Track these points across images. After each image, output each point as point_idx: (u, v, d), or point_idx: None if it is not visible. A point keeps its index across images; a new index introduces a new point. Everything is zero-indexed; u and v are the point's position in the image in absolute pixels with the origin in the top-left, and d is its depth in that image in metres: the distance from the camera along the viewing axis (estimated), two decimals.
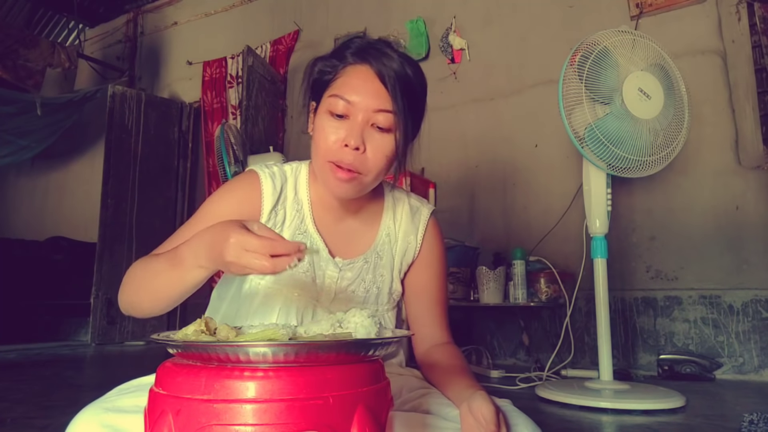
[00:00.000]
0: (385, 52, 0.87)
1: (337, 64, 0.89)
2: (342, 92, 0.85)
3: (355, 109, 0.84)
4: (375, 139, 0.85)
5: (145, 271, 0.80)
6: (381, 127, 0.85)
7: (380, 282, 0.99)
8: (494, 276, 2.70)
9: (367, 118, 0.85)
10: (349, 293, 0.96)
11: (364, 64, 0.86)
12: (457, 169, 3.34)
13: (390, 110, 0.85)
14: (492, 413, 0.72)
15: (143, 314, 0.84)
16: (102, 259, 4.02)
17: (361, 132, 0.84)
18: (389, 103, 0.84)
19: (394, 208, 1.03)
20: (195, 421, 0.50)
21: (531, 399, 2.00)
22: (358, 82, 0.85)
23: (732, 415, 1.74)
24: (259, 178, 0.94)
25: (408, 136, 0.88)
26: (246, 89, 3.57)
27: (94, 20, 5.52)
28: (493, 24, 3.37)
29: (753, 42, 2.63)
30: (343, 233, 0.98)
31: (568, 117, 1.97)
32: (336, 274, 0.96)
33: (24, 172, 5.85)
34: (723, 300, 2.53)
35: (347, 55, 0.88)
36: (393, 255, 1.01)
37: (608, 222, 2.08)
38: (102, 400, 0.77)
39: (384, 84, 0.85)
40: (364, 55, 0.87)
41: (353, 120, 0.85)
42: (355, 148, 0.83)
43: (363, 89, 0.85)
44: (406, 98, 0.86)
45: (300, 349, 0.52)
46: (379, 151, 0.86)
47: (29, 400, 1.93)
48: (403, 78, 0.86)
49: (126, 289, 0.83)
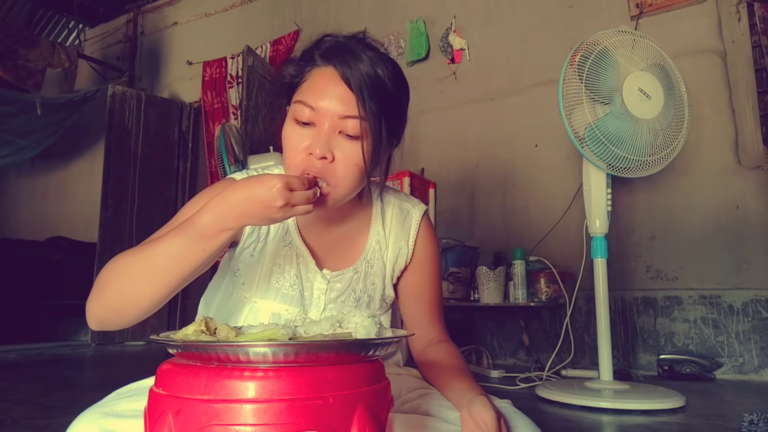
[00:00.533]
0: (353, 51, 0.79)
1: (303, 66, 0.83)
2: (306, 98, 0.79)
3: (321, 116, 0.78)
4: (344, 147, 0.78)
5: (139, 263, 0.72)
6: (349, 135, 0.78)
7: (371, 290, 0.96)
8: (494, 276, 2.70)
9: (334, 124, 0.78)
10: (338, 303, 0.93)
11: (328, 66, 0.80)
12: (457, 169, 3.34)
13: (357, 116, 0.77)
14: (493, 419, 0.71)
15: (133, 315, 0.73)
16: (102, 259, 4.02)
17: (328, 140, 0.78)
18: (356, 108, 0.77)
19: (383, 213, 0.98)
20: (195, 421, 0.50)
21: (531, 399, 2.00)
22: (322, 86, 0.79)
23: (732, 415, 1.74)
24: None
25: (382, 142, 0.81)
26: (246, 89, 3.57)
27: (94, 20, 5.53)
28: (493, 24, 3.38)
29: (753, 42, 2.63)
30: (330, 244, 0.94)
31: (568, 117, 1.97)
32: (324, 286, 0.92)
33: (24, 172, 5.85)
34: (723, 300, 2.53)
35: (315, 56, 0.82)
36: (384, 262, 0.97)
37: (608, 222, 2.08)
38: (100, 404, 0.76)
39: (350, 87, 0.78)
40: (329, 56, 0.80)
41: (319, 127, 0.78)
42: (321, 157, 0.77)
43: (327, 94, 0.78)
44: (378, 101, 0.79)
45: (300, 349, 0.52)
46: (349, 160, 0.78)
47: (29, 400, 1.93)
48: (374, 80, 0.78)
49: (108, 291, 0.73)
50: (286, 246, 0.91)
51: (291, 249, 0.91)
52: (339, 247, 0.95)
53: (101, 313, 0.74)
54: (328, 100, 0.78)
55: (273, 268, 0.90)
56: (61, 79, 5.42)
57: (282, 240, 0.92)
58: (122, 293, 0.72)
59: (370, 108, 0.78)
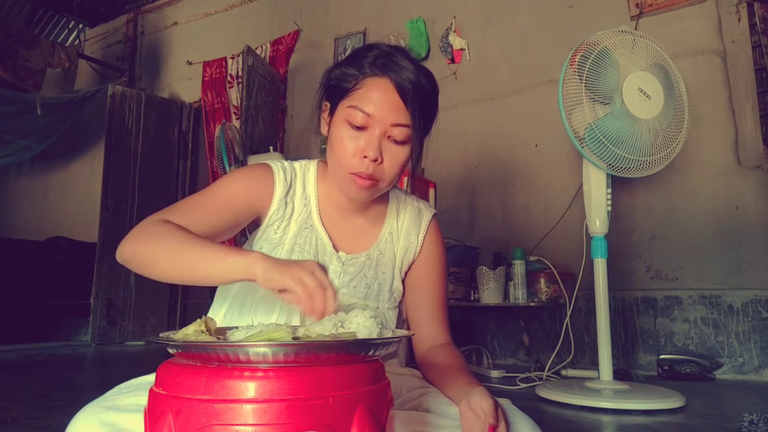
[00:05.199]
0: (403, 65, 0.89)
1: (356, 74, 0.91)
2: (361, 104, 0.88)
3: (374, 122, 0.88)
4: (391, 150, 0.89)
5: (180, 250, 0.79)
6: (397, 140, 0.89)
7: (382, 279, 1.01)
8: (494, 276, 2.70)
9: (384, 130, 0.88)
10: (351, 288, 0.98)
11: (383, 77, 0.88)
12: (457, 169, 3.34)
13: (407, 124, 0.88)
14: (491, 406, 0.73)
15: (150, 275, 0.82)
16: (102, 259, 4.02)
17: (379, 144, 0.88)
18: (406, 117, 0.88)
19: (398, 208, 1.06)
20: (195, 421, 0.50)
21: (531, 399, 2.00)
22: (377, 96, 0.88)
23: (732, 415, 1.73)
24: (273, 170, 0.98)
25: (422, 144, 0.93)
26: (246, 89, 3.57)
27: (94, 20, 5.53)
28: (493, 24, 3.38)
29: (753, 42, 2.63)
30: (347, 229, 1.02)
31: (568, 117, 1.97)
32: (339, 268, 0.99)
33: (24, 172, 5.85)
34: (723, 300, 2.53)
35: (365, 66, 0.90)
36: (395, 253, 1.03)
37: (608, 222, 2.08)
38: (102, 398, 0.77)
39: (403, 99, 0.88)
40: (383, 68, 0.88)
41: (371, 132, 0.88)
42: (373, 160, 0.87)
43: (382, 103, 0.87)
44: (421, 110, 0.90)
45: (300, 349, 0.52)
46: (395, 161, 0.90)
47: (29, 400, 1.93)
48: (419, 89, 0.89)
49: (144, 248, 0.81)
50: (307, 228, 0.99)
51: (311, 231, 0.99)
52: (355, 234, 1.02)
53: (128, 257, 0.83)
54: (382, 108, 0.87)
55: (294, 247, 0.98)
56: (61, 79, 5.43)
57: (304, 222, 0.99)
58: (152, 257, 0.81)
59: (417, 117, 0.89)
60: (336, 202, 1.00)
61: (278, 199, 0.97)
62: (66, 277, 4.45)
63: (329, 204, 1.01)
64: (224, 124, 3.13)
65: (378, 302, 1.00)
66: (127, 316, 4.11)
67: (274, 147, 3.52)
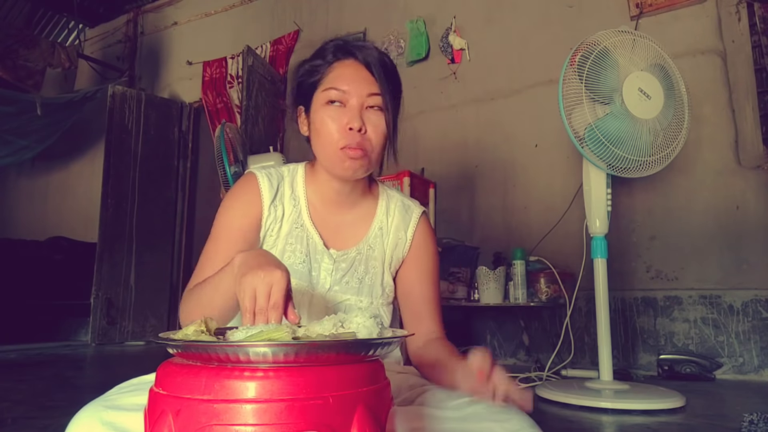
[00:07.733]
0: (364, 45, 0.98)
1: (323, 63, 0.98)
2: (336, 84, 0.94)
3: (350, 96, 0.94)
4: (372, 119, 0.94)
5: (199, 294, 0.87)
6: (375, 108, 0.95)
7: (372, 273, 1.02)
8: (494, 276, 2.70)
9: (362, 102, 0.94)
10: (343, 284, 1.00)
11: (349, 58, 0.96)
12: (457, 169, 3.34)
13: (379, 92, 0.94)
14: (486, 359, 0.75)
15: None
16: (102, 259, 4.02)
17: (360, 115, 0.93)
18: (377, 86, 0.95)
19: (387, 204, 1.08)
20: (195, 421, 0.50)
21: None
22: (349, 73, 0.95)
23: (732, 415, 1.74)
24: (257, 178, 1.01)
25: (395, 113, 0.99)
26: (246, 89, 3.57)
27: (94, 20, 5.52)
28: (493, 24, 3.38)
29: (753, 42, 2.63)
30: (337, 226, 1.04)
31: (568, 117, 1.97)
32: (331, 266, 1.00)
33: (24, 172, 5.85)
34: (723, 300, 2.53)
35: (330, 54, 0.98)
36: (384, 248, 1.05)
37: (608, 222, 2.08)
38: (102, 398, 0.77)
39: (370, 71, 0.95)
40: (347, 51, 0.97)
41: (350, 106, 0.94)
42: (358, 129, 0.92)
43: (354, 79, 0.94)
44: (388, 80, 0.96)
45: (300, 349, 0.52)
46: (378, 129, 0.95)
47: (29, 400, 1.93)
48: (384, 64, 0.97)
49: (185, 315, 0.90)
50: (298, 228, 1.02)
51: (302, 230, 1.01)
52: (345, 230, 1.04)
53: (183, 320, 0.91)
54: (355, 82, 0.94)
55: (286, 247, 1.01)
56: (61, 79, 5.43)
57: (295, 222, 1.02)
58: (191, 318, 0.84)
59: (386, 85, 0.95)
60: (326, 201, 1.03)
61: (267, 206, 1.00)
62: (66, 277, 4.45)
63: (319, 202, 1.03)
64: (224, 124, 3.12)
65: (371, 298, 1.01)
66: (127, 316, 4.11)
67: (274, 147, 3.52)
